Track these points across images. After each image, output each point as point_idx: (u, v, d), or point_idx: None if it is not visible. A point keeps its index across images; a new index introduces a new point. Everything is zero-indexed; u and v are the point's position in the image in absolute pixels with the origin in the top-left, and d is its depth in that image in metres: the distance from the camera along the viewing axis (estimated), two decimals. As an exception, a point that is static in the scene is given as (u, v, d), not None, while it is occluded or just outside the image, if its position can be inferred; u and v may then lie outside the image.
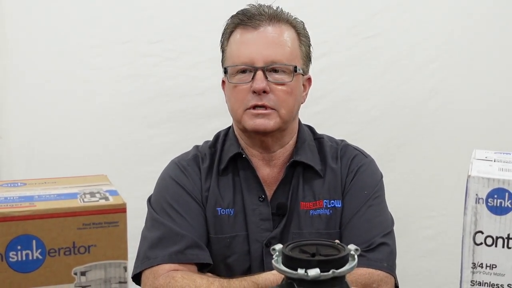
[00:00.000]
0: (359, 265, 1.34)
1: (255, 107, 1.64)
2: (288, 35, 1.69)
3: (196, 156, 1.76)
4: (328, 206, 1.69)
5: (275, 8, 1.71)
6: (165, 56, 2.36)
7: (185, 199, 1.69)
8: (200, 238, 1.65)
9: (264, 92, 1.63)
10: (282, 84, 1.65)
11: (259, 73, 1.64)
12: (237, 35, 1.69)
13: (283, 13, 1.71)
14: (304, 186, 1.71)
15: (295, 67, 1.67)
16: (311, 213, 1.69)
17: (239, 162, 1.73)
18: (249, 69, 1.65)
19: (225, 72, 1.70)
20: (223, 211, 1.69)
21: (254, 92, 1.63)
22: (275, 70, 1.66)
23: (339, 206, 1.70)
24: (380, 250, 1.61)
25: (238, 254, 1.68)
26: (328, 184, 1.72)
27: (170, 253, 1.59)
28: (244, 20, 1.68)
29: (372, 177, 1.75)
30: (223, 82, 1.77)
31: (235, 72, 1.67)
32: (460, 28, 2.55)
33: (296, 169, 1.72)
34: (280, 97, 1.65)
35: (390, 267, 1.61)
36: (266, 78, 1.64)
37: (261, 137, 1.69)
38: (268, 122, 1.65)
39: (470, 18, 2.55)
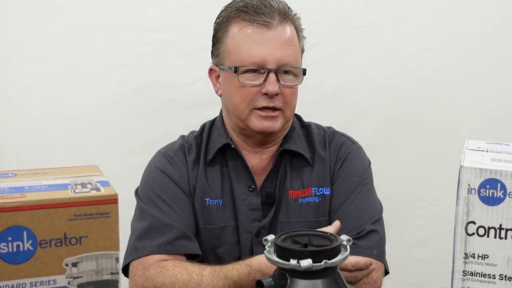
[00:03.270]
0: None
1: (264, 108, 1.63)
2: (293, 33, 1.66)
3: (182, 146, 1.75)
4: (317, 193, 1.69)
5: (277, 2, 1.66)
6: (157, 46, 2.35)
7: (173, 189, 1.67)
8: (188, 228, 1.64)
9: (276, 94, 1.62)
10: (291, 87, 1.64)
11: (272, 76, 1.61)
12: (238, 31, 1.63)
13: (287, 8, 1.67)
14: (292, 174, 1.70)
15: (304, 70, 1.67)
16: (300, 201, 1.69)
17: (228, 152, 1.72)
18: (260, 70, 1.62)
19: (235, 71, 1.63)
20: (211, 202, 1.68)
21: (265, 93, 1.61)
22: (285, 72, 1.63)
23: (328, 193, 1.70)
24: (370, 238, 1.62)
25: (228, 244, 1.67)
26: (317, 172, 1.71)
27: (159, 243, 1.59)
28: (252, 14, 1.62)
29: (360, 164, 1.75)
30: (211, 70, 1.74)
31: (243, 70, 1.63)
32: (451, 18, 2.55)
33: (284, 157, 1.72)
34: (288, 98, 1.64)
35: (380, 254, 1.62)
36: (278, 80, 1.62)
37: (264, 137, 1.69)
38: (275, 124, 1.64)
39: (462, 8, 2.55)
